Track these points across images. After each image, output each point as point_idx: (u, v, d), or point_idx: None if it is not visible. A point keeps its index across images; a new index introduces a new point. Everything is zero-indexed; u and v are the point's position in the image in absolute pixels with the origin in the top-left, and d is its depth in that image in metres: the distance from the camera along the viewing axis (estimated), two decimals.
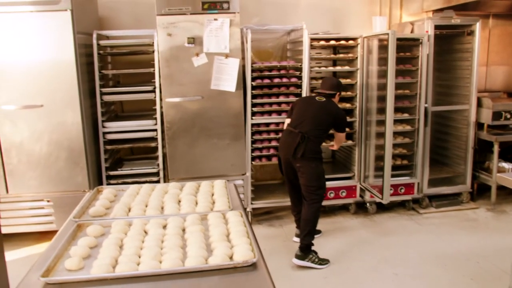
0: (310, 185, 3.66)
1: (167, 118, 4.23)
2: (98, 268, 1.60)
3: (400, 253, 3.88)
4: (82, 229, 2.03)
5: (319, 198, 3.68)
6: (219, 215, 2.07)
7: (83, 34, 4.04)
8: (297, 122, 3.73)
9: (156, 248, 1.72)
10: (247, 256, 1.64)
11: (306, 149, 3.59)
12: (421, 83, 4.59)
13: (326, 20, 5.16)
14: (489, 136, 4.75)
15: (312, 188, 3.66)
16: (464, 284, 3.36)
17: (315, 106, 3.76)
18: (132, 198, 2.39)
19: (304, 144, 3.59)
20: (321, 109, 3.74)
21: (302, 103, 3.88)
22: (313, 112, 3.71)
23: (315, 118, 3.68)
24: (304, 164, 3.64)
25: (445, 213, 4.79)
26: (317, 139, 3.67)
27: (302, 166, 3.66)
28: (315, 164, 3.66)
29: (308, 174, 3.65)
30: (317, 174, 3.67)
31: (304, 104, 3.83)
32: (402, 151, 4.85)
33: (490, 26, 5.38)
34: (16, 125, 3.89)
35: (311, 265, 3.66)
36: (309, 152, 3.61)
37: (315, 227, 3.73)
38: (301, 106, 3.83)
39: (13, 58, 3.79)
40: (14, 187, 4.01)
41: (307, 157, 3.61)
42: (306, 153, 3.60)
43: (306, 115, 3.71)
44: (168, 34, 4.07)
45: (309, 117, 3.69)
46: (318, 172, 3.67)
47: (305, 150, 3.59)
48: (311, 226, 3.67)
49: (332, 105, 3.81)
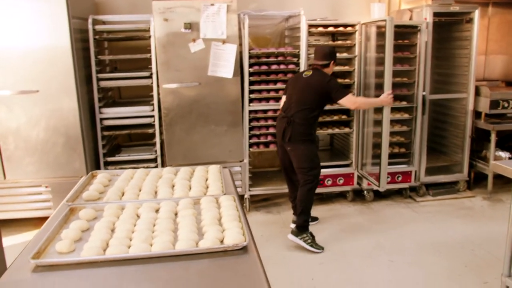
0: (301, 167, 3.72)
1: (164, 105, 4.22)
2: (88, 251, 1.61)
3: (396, 240, 3.89)
4: (75, 212, 2.03)
5: (311, 178, 3.70)
6: (212, 199, 2.07)
7: (79, 19, 4.01)
8: (286, 105, 3.81)
9: (147, 232, 1.72)
10: (238, 239, 1.64)
11: (293, 132, 3.65)
12: (419, 71, 4.56)
13: (324, 6, 5.11)
14: (487, 125, 4.74)
15: (304, 169, 3.71)
16: (459, 271, 3.38)
17: (299, 85, 3.75)
18: (126, 182, 2.39)
19: (290, 128, 3.66)
20: (305, 86, 3.70)
21: (290, 83, 3.90)
22: (298, 92, 3.72)
23: (299, 98, 3.69)
24: (294, 147, 3.71)
25: (441, 201, 4.80)
26: (304, 121, 3.65)
27: (292, 150, 3.73)
28: (304, 146, 3.69)
29: (298, 156, 3.71)
30: (306, 156, 3.70)
31: (291, 85, 3.85)
32: (399, 139, 4.84)
33: (489, 15, 5.33)
34: (12, 110, 3.88)
35: (303, 244, 3.73)
36: (297, 135, 3.66)
37: (309, 207, 3.77)
38: (289, 86, 3.88)
39: (8, 43, 3.76)
40: (12, 173, 4.01)
41: (296, 139, 3.67)
42: (293, 136, 3.66)
43: (292, 98, 3.74)
44: (164, 20, 4.04)
45: (294, 100, 3.72)
46: (308, 154, 3.70)
47: (292, 133, 3.65)
48: (304, 206, 3.73)
49: (317, 78, 3.70)
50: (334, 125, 4.73)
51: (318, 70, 3.76)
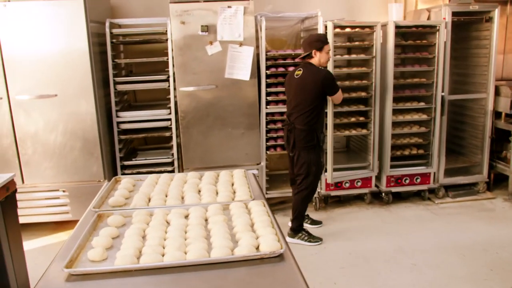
0: (298, 174, 3.74)
1: (181, 108, 4.20)
2: (122, 259, 1.58)
3: (417, 243, 3.83)
4: (103, 219, 2.01)
5: (305, 187, 3.71)
6: (241, 204, 2.04)
7: (96, 23, 4.00)
8: (287, 111, 3.79)
9: (180, 239, 1.69)
10: (274, 246, 1.61)
11: (295, 139, 3.64)
12: (438, 71, 4.50)
13: (340, 7, 5.07)
14: (507, 125, 4.67)
15: (299, 176, 3.73)
16: (484, 274, 3.31)
17: (293, 87, 3.66)
18: (151, 188, 2.36)
19: (292, 135, 3.65)
20: (299, 88, 3.59)
21: (286, 86, 3.83)
22: (293, 96, 3.66)
23: (296, 102, 3.63)
24: (296, 154, 3.71)
25: (461, 203, 4.73)
26: (305, 126, 3.59)
27: (294, 156, 3.74)
28: (304, 153, 3.67)
29: (297, 163, 3.71)
30: (303, 163, 3.68)
31: (287, 88, 3.80)
32: (418, 140, 4.78)
33: (508, 13, 5.25)
34: (30, 115, 3.88)
35: (301, 243, 3.82)
36: (298, 142, 3.64)
37: (303, 213, 3.85)
38: (286, 90, 3.83)
39: (26, 48, 3.77)
40: (30, 177, 4.01)
41: (297, 146, 3.66)
42: (296, 143, 3.65)
43: (291, 103, 3.70)
44: (181, 22, 4.02)
45: (292, 105, 3.69)
46: (306, 161, 3.67)
47: (294, 140, 3.65)
48: (297, 213, 3.80)
49: (307, 74, 3.54)
50: (351, 127, 4.69)
51: (306, 66, 3.60)
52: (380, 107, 4.52)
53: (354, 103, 4.65)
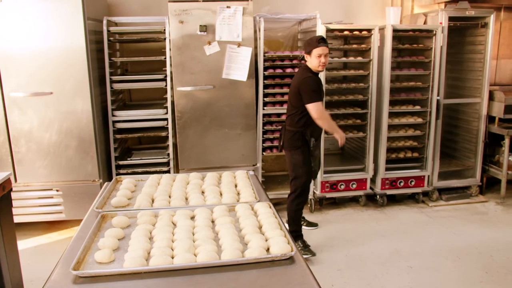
0: (289, 175, 3.73)
1: (178, 107, 4.17)
2: (131, 261, 1.55)
3: (413, 245, 3.85)
4: (107, 220, 1.98)
5: (294, 188, 3.68)
6: (247, 206, 2.02)
7: (93, 20, 3.95)
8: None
9: (189, 241, 1.67)
10: (285, 249, 1.59)
11: (284, 139, 3.64)
12: (434, 75, 4.53)
13: (338, 10, 5.08)
14: (501, 130, 4.72)
15: (290, 177, 3.71)
16: (480, 277, 3.34)
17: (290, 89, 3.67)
18: (153, 188, 2.34)
19: (283, 135, 3.66)
20: (290, 89, 3.59)
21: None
22: (288, 96, 3.65)
23: (288, 103, 3.64)
24: (286, 154, 3.71)
25: (454, 206, 4.77)
26: (293, 127, 3.57)
27: (285, 156, 3.74)
28: (290, 153, 3.64)
29: (288, 163, 3.70)
30: (292, 164, 3.65)
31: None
32: (412, 143, 4.81)
33: (501, 19, 5.32)
34: (25, 112, 3.81)
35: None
36: (286, 142, 3.64)
37: (295, 218, 3.75)
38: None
39: (22, 44, 3.71)
40: (23, 176, 3.94)
41: (286, 147, 3.66)
42: (284, 143, 3.65)
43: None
44: (180, 22, 3.99)
45: (288, 105, 3.67)
46: (294, 162, 3.63)
47: (283, 141, 3.65)
48: (289, 217, 3.75)
49: (295, 77, 3.53)
50: (347, 129, 4.70)
51: (300, 69, 3.60)
52: (377, 110, 4.54)
53: (350, 105, 4.67)
